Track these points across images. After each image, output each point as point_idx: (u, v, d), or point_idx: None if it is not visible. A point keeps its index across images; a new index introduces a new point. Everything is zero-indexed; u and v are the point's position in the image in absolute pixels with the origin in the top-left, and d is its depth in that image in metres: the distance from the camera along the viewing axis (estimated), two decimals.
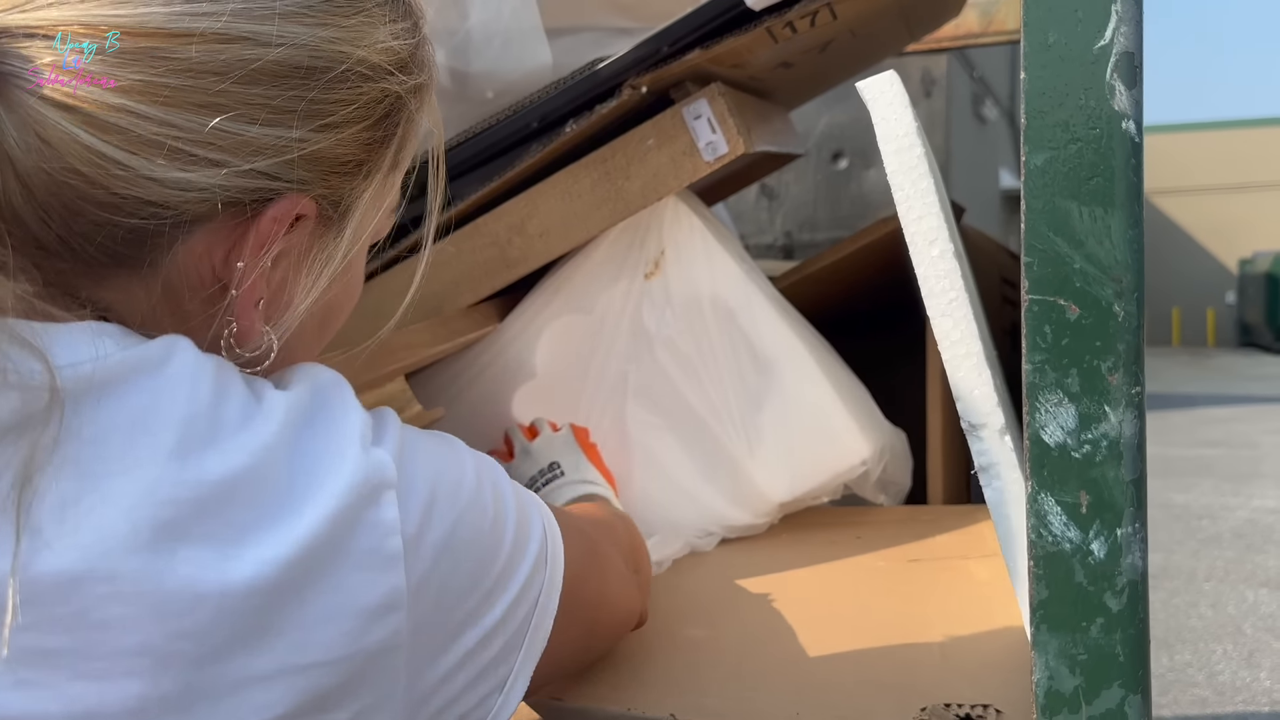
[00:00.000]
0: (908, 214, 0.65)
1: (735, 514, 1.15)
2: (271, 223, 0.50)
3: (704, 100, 1.05)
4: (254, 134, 0.47)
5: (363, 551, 0.45)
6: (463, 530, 0.49)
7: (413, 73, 0.55)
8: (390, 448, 0.48)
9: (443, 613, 0.48)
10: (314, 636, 0.43)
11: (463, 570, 0.49)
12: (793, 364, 1.14)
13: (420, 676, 0.48)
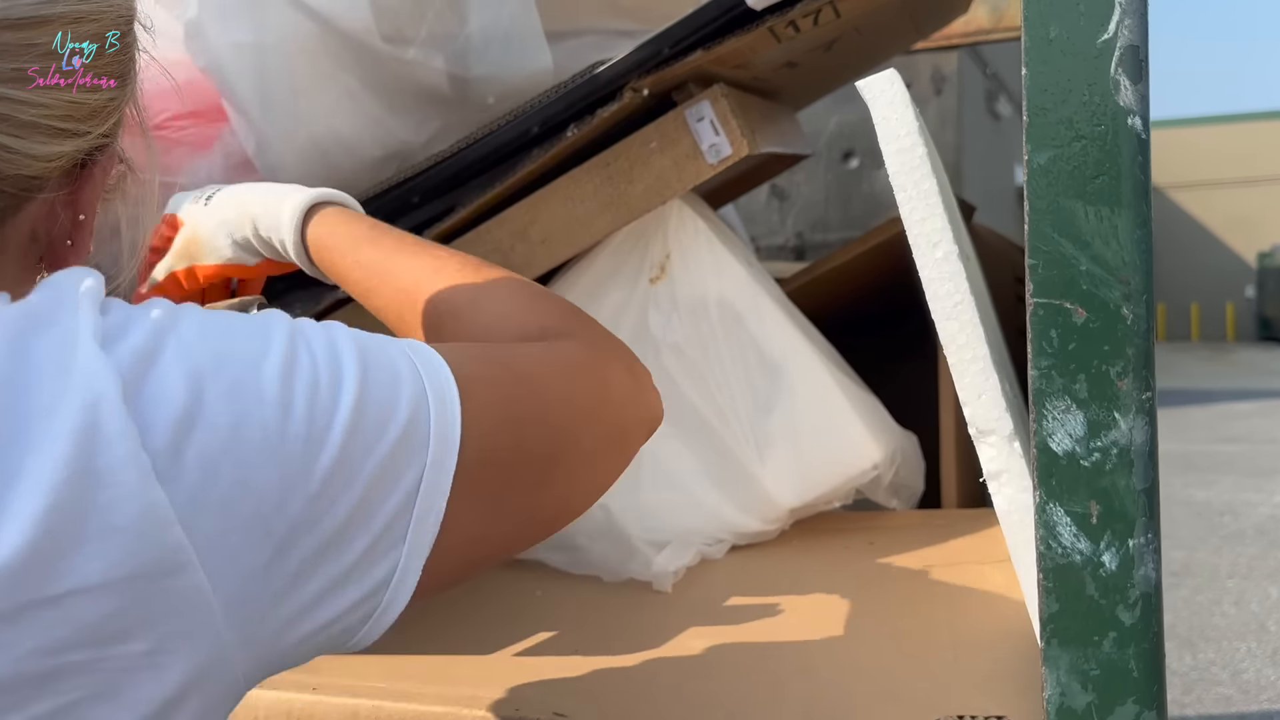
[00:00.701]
0: (910, 216, 0.64)
1: (745, 521, 1.14)
2: (101, 176, 0.53)
3: (706, 102, 1.04)
4: (91, 101, 0.50)
5: (106, 471, 0.40)
6: (250, 428, 0.43)
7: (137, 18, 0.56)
8: (137, 341, 0.43)
9: (248, 524, 0.42)
10: (70, 564, 0.39)
11: (262, 473, 0.43)
12: (801, 368, 1.13)
13: (245, 595, 0.43)
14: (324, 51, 1.02)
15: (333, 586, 0.45)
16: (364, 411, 0.46)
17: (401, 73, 1.04)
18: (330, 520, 0.44)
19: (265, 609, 0.44)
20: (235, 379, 0.43)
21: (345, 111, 1.06)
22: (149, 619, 0.41)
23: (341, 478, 0.45)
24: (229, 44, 0.99)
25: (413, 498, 0.46)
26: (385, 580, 0.46)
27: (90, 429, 0.40)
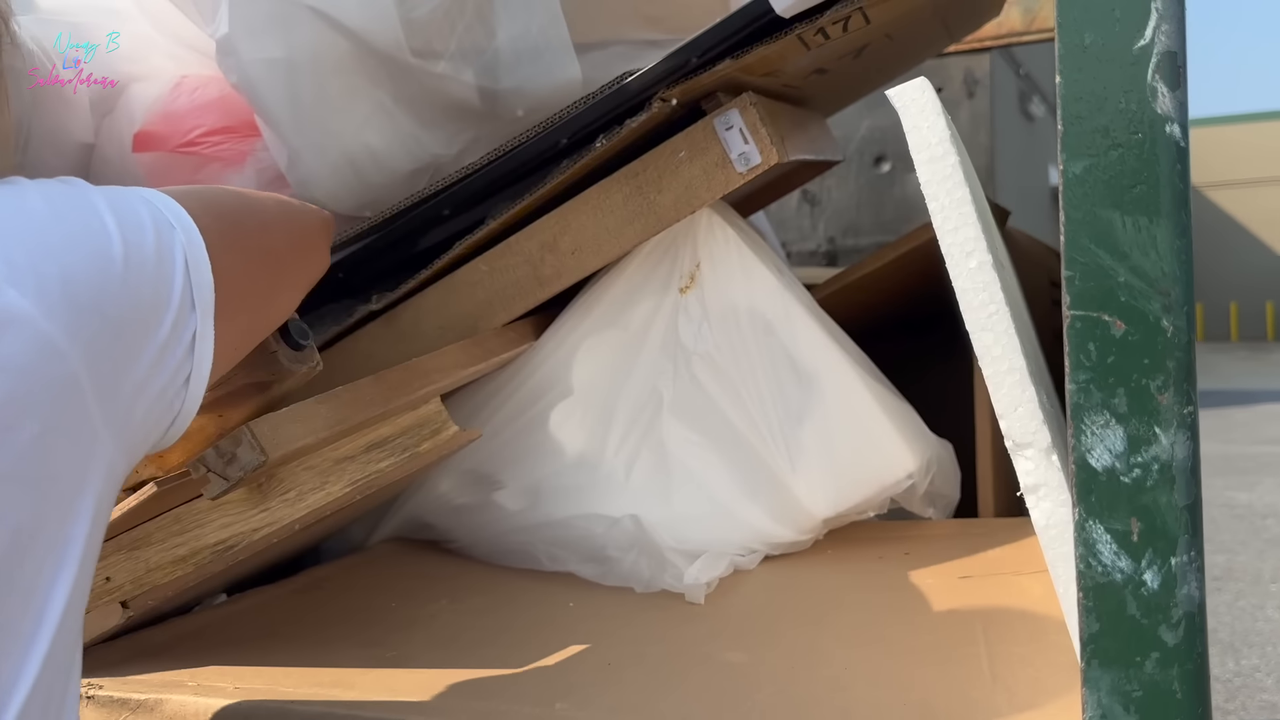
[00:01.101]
0: (943, 225, 0.63)
1: (778, 531, 1.13)
2: None
3: (735, 110, 1.03)
4: None
5: None
6: (83, 261, 0.56)
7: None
8: None
9: (105, 321, 0.55)
10: None
11: (90, 279, 0.55)
12: (834, 376, 1.12)
13: (101, 372, 0.54)
14: (355, 67, 1.02)
15: (157, 356, 0.58)
16: (125, 233, 0.58)
17: (432, 86, 1.04)
18: (142, 299, 0.57)
19: (117, 380, 0.55)
20: (72, 233, 0.56)
21: (377, 126, 1.06)
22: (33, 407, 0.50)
23: (136, 272, 0.57)
24: (260, 60, 1.00)
25: (185, 272, 0.60)
26: (190, 344, 0.60)
27: None
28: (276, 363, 0.78)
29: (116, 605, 0.82)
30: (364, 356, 1.13)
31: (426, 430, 1.05)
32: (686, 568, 1.05)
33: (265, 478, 0.93)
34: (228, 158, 1.12)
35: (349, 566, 1.17)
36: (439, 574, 1.14)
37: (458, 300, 1.11)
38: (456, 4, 1.01)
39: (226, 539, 0.89)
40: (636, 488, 1.12)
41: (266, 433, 0.75)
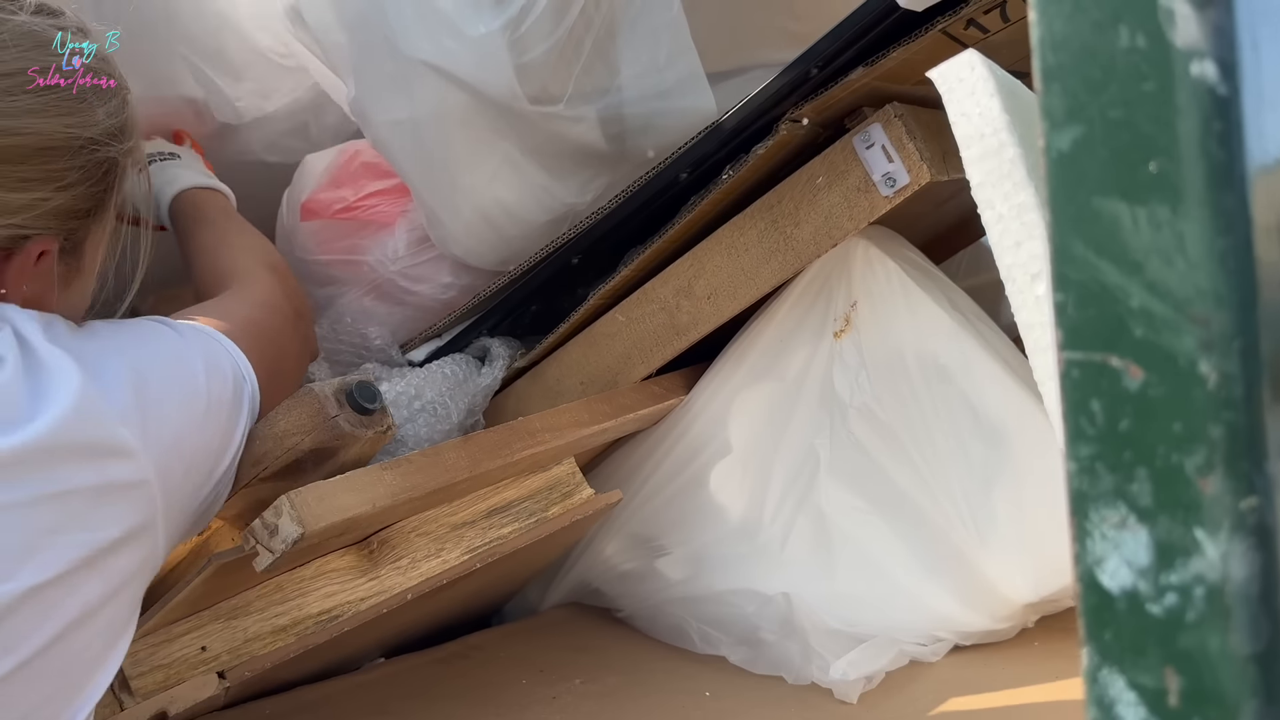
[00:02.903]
0: (1001, 240, 0.47)
1: (967, 617, 0.95)
2: (24, 261, 0.65)
3: (877, 125, 0.89)
4: (6, 199, 0.63)
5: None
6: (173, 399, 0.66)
7: (124, 139, 0.70)
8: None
9: (185, 461, 0.65)
10: None
11: (184, 419, 0.66)
12: (1029, 432, 0.92)
13: (175, 506, 0.65)
14: (478, 121, 0.99)
15: (216, 487, 0.70)
16: (211, 385, 0.69)
17: (555, 133, 0.99)
18: (211, 444, 0.69)
19: (181, 507, 0.66)
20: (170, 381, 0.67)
21: (506, 180, 1.03)
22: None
23: (213, 421, 0.69)
24: (387, 122, 1.00)
25: (249, 418, 0.72)
26: (233, 463, 0.71)
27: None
28: (338, 427, 0.74)
29: (213, 676, 0.82)
30: (513, 415, 1.08)
31: (556, 494, 0.99)
32: (838, 657, 0.90)
33: (378, 544, 0.91)
34: (381, 220, 1.13)
35: (506, 634, 1.13)
36: (590, 647, 1.07)
37: (597, 353, 1.04)
38: (572, 44, 0.95)
39: (331, 609, 0.87)
40: (792, 560, 0.99)
41: (310, 503, 0.71)
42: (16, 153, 0.62)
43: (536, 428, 0.90)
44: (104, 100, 0.68)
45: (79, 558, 0.58)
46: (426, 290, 1.14)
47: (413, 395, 0.96)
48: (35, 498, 0.57)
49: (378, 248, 1.12)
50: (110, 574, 0.61)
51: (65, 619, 0.58)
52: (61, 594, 0.58)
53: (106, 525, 0.60)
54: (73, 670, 0.60)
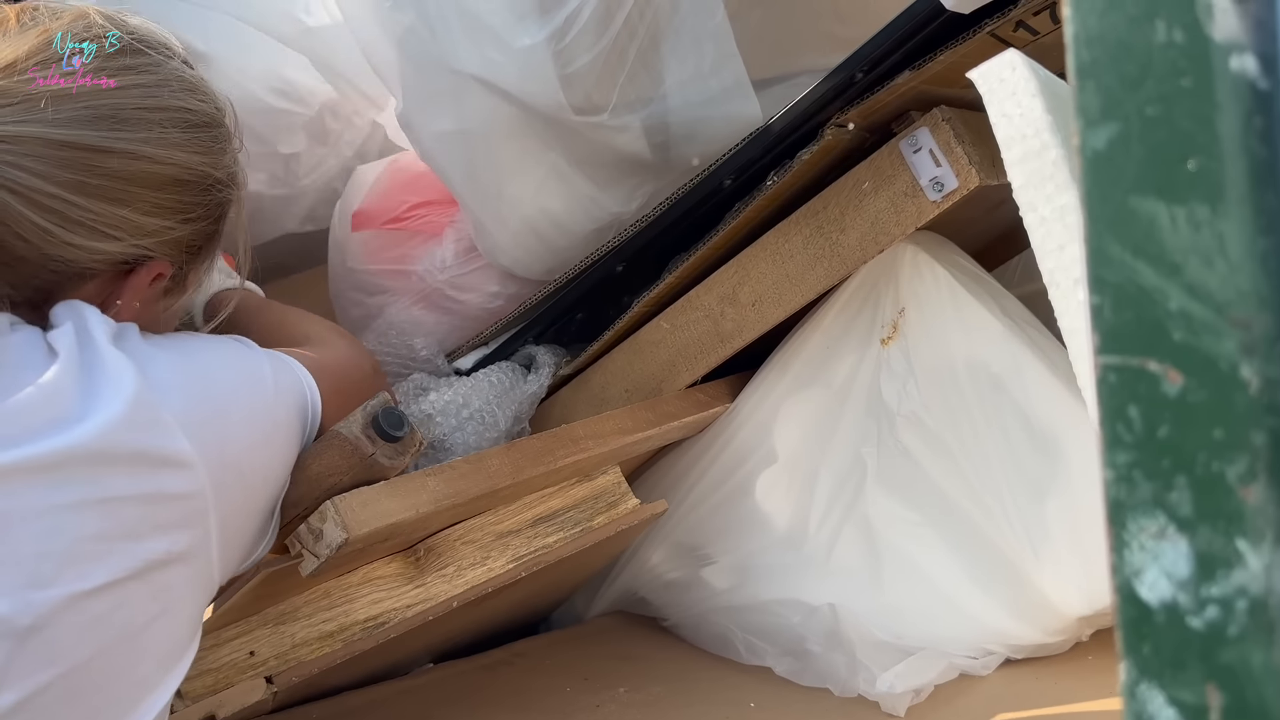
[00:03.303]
0: (1044, 244, 0.46)
1: (1019, 630, 0.93)
2: (141, 279, 0.69)
3: (924, 129, 0.88)
4: (143, 222, 0.67)
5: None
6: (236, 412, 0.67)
7: (239, 185, 0.75)
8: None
9: (242, 479, 0.65)
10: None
11: (246, 436, 0.66)
12: (1083, 442, 0.90)
13: (229, 526, 0.65)
14: (524, 132, 1.00)
15: (269, 516, 0.71)
16: (277, 411, 0.71)
17: (600, 143, 0.99)
18: (272, 473, 0.70)
19: (236, 530, 0.66)
20: (240, 401, 0.68)
21: (553, 190, 1.03)
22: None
23: (277, 448, 0.70)
24: (434, 134, 1.01)
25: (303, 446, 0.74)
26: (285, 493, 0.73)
27: None
28: (377, 464, 0.75)
29: (261, 680, 0.83)
30: (558, 423, 1.09)
31: (602, 503, 0.99)
32: (885, 669, 0.88)
33: (424, 551, 0.91)
34: (429, 230, 1.14)
35: (552, 642, 1.13)
36: (634, 656, 1.06)
37: (642, 361, 1.04)
38: (616, 53, 0.95)
39: (377, 615, 0.88)
40: (839, 571, 0.97)
41: (354, 508, 0.72)
42: (158, 179, 0.67)
43: (580, 435, 0.90)
44: (228, 147, 0.73)
45: (126, 568, 0.57)
46: (474, 299, 1.15)
47: (460, 404, 0.97)
48: (80, 502, 0.56)
49: (426, 257, 1.13)
50: (160, 590, 0.60)
51: (111, 633, 0.57)
52: (106, 606, 0.57)
53: (156, 537, 0.59)
54: (120, 689, 0.59)
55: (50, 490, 0.55)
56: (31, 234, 0.62)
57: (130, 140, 0.65)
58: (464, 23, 0.95)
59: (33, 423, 0.56)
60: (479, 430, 1.01)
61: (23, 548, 0.54)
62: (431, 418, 0.94)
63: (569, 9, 0.94)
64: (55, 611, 0.54)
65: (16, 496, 0.55)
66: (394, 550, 0.87)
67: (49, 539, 0.55)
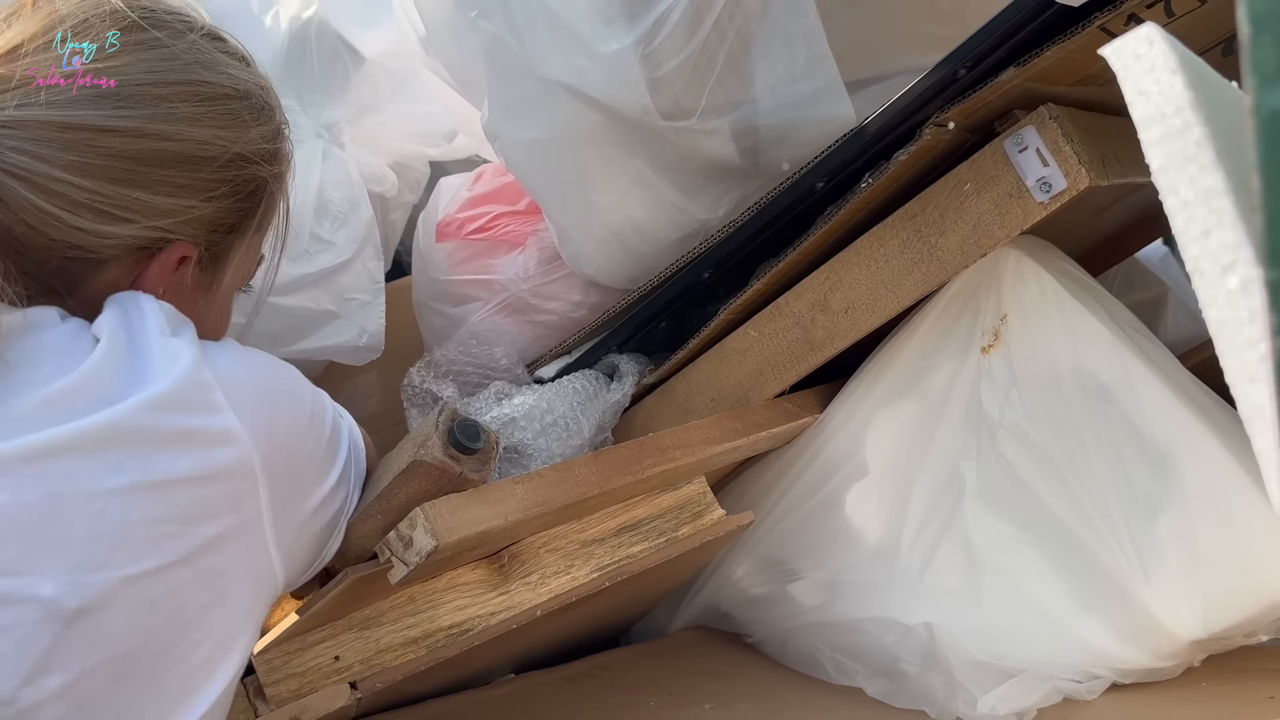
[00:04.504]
0: (1187, 229, 0.43)
1: (1126, 653, 0.88)
2: (165, 262, 0.67)
3: (1030, 128, 0.84)
4: (157, 202, 0.64)
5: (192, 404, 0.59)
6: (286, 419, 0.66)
7: (275, 163, 0.72)
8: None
9: (290, 462, 0.64)
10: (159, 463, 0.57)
11: (291, 420, 0.65)
12: (1198, 456, 0.85)
13: (284, 515, 0.63)
14: (610, 139, 0.99)
15: (320, 503, 0.68)
16: (315, 409, 0.69)
17: (687, 148, 0.98)
18: (315, 457, 0.68)
19: (289, 510, 0.64)
20: (284, 390, 0.67)
21: (638, 198, 1.02)
22: (218, 510, 0.59)
23: (315, 437, 0.68)
24: (520, 142, 1.00)
25: (349, 455, 0.72)
26: (341, 508, 0.71)
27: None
28: (467, 480, 0.74)
29: (345, 686, 0.82)
30: (642, 432, 1.07)
31: (687, 513, 0.96)
32: (984, 692, 0.84)
33: (508, 558, 0.90)
34: (512, 240, 1.14)
35: (634, 655, 1.11)
36: (719, 672, 1.03)
37: (728, 370, 1.02)
38: (705, 56, 0.94)
39: (461, 622, 0.87)
40: (934, 588, 0.93)
41: (443, 515, 0.71)
42: (168, 157, 0.64)
43: (667, 444, 0.88)
44: (259, 121, 0.70)
45: (177, 553, 0.56)
46: (557, 308, 1.14)
47: (544, 410, 0.96)
48: (132, 485, 0.55)
49: (509, 266, 1.13)
50: (213, 577, 0.59)
51: (162, 620, 0.56)
52: (158, 591, 0.56)
53: (207, 520, 0.58)
54: (170, 678, 0.57)
55: (101, 473, 0.55)
56: (36, 219, 0.61)
57: (134, 118, 0.62)
58: (550, 29, 0.95)
59: (80, 403, 0.56)
60: (562, 438, 1.00)
61: (72, 530, 0.54)
62: (515, 421, 0.93)
63: (657, 12, 0.93)
64: (104, 595, 0.54)
65: (67, 480, 0.54)
66: (479, 557, 0.86)
67: (98, 521, 0.54)
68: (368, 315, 1.20)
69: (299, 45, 1.31)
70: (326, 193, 1.26)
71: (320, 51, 1.32)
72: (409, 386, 1.09)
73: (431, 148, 1.41)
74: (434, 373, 1.09)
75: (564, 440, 0.99)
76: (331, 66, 1.32)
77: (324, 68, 1.32)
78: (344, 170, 1.29)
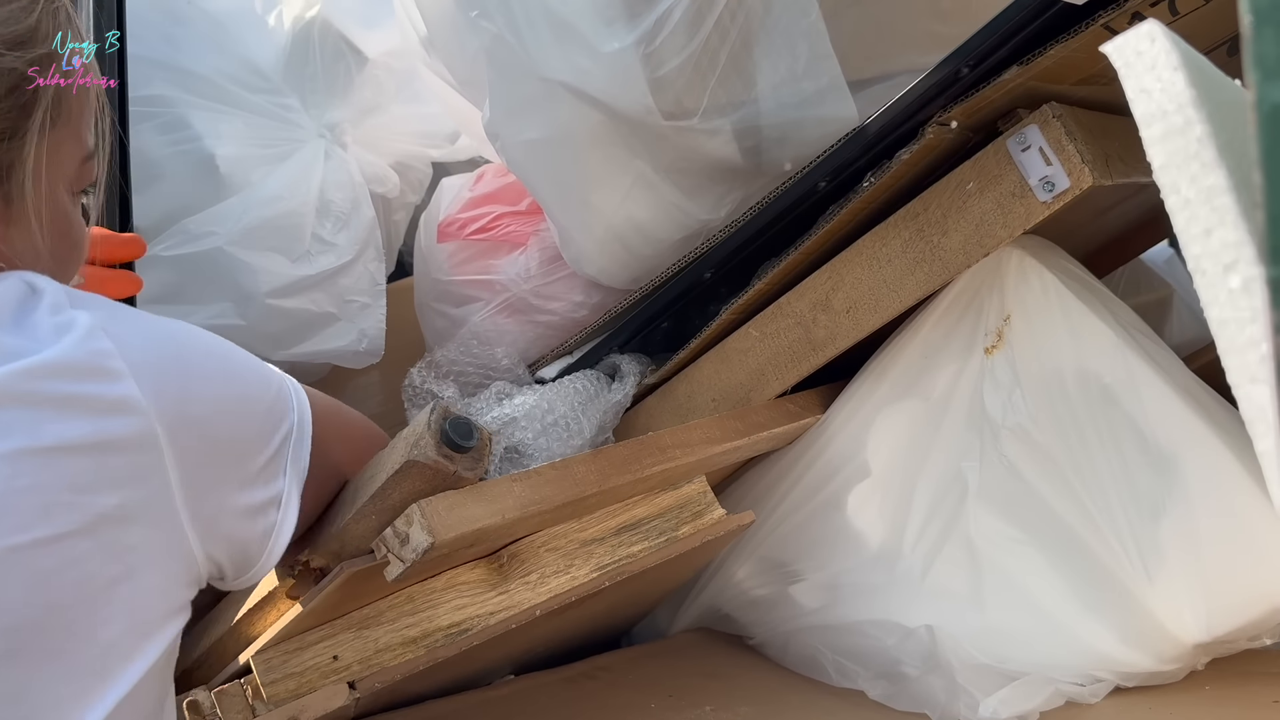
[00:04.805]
0: (1189, 227, 0.42)
1: (1130, 656, 0.87)
2: None
3: (1034, 126, 0.84)
4: None
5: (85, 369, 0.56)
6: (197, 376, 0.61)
7: (31, 46, 0.61)
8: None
9: (208, 440, 0.60)
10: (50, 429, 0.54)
11: (211, 396, 0.61)
12: (1202, 458, 0.85)
13: (198, 493, 0.59)
14: (611, 139, 0.99)
15: (244, 486, 0.62)
16: (249, 388, 0.64)
17: (688, 148, 0.97)
18: (239, 438, 0.62)
19: (205, 489, 0.59)
20: (208, 364, 0.63)
21: (640, 198, 1.01)
22: (118, 481, 0.56)
23: (245, 417, 0.63)
24: (521, 142, 1.00)
25: (287, 443, 0.65)
26: (275, 499, 0.65)
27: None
28: (461, 478, 0.73)
29: (343, 685, 0.81)
30: (643, 433, 1.07)
31: (687, 512, 0.96)
32: (986, 695, 0.84)
33: (507, 558, 0.90)
34: (514, 240, 1.13)
35: (635, 656, 1.10)
36: (720, 674, 1.03)
37: (729, 370, 1.01)
38: (707, 56, 0.93)
39: (460, 622, 0.86)
40: (936, 591, 0.93)
41: (440, 511, 0.70)
42: None
43: (667, 443, 0.88)
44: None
45: (75, 522, 0.54)
46: (558, 308, 1.13)
47: (545, 409, 0.95)
48: (17, 451, 0.53)
49: (511, 267, 1.12)
50: (116, 549, 0.56)
51: (64, 593, 0.54)
52: (53, 560, 0.53)
53: (107, 490, 0.55)
54: (82, 655, 0.55)
55: None
56: None
57: None
58: (551, 29, 0.94)
59: None
60: (562, 437, 0.99)
61: None
62: (515, 420, 0.93)
63: (658, 12, 0.92)
64: None
65: None
66: (477, 556, 0.86)
67: None
68: (368, 318, 1.20)
69: (302, 45, 1.31)
70: (328, 193, 1.26)
71: (323, 52, 1.32)
72: (410, 387, 1.09)
73: (434, 148, 1.41)
74: (435, 373, 1.09)
75: (565, 440, 0.98)
76: (334, 67, 1.32)
77: (327, 68, 1.32)
78: (346, 171, 1.29)
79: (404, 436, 0.70)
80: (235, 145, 1.20)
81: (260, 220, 1.16)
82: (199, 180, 1.18)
